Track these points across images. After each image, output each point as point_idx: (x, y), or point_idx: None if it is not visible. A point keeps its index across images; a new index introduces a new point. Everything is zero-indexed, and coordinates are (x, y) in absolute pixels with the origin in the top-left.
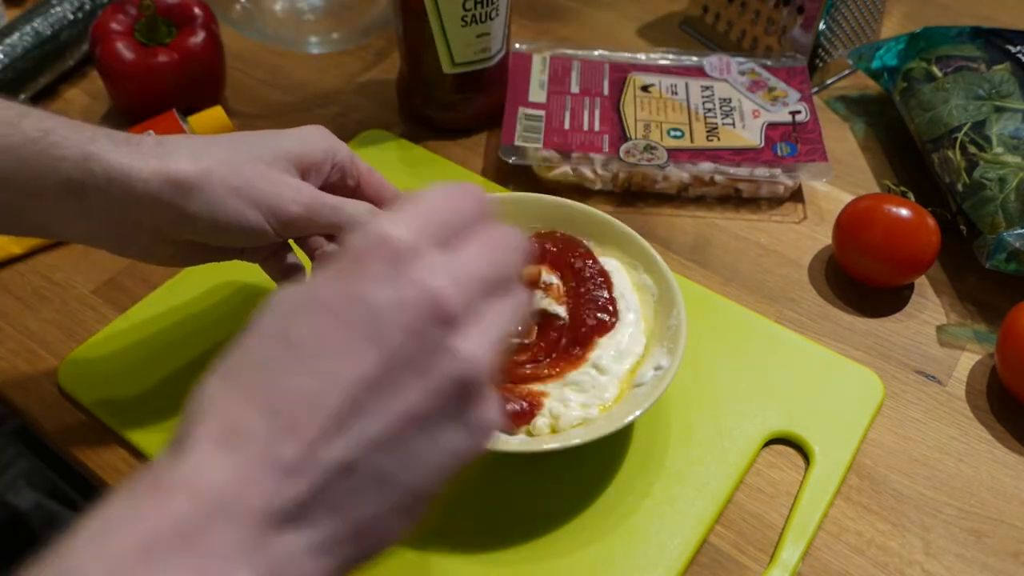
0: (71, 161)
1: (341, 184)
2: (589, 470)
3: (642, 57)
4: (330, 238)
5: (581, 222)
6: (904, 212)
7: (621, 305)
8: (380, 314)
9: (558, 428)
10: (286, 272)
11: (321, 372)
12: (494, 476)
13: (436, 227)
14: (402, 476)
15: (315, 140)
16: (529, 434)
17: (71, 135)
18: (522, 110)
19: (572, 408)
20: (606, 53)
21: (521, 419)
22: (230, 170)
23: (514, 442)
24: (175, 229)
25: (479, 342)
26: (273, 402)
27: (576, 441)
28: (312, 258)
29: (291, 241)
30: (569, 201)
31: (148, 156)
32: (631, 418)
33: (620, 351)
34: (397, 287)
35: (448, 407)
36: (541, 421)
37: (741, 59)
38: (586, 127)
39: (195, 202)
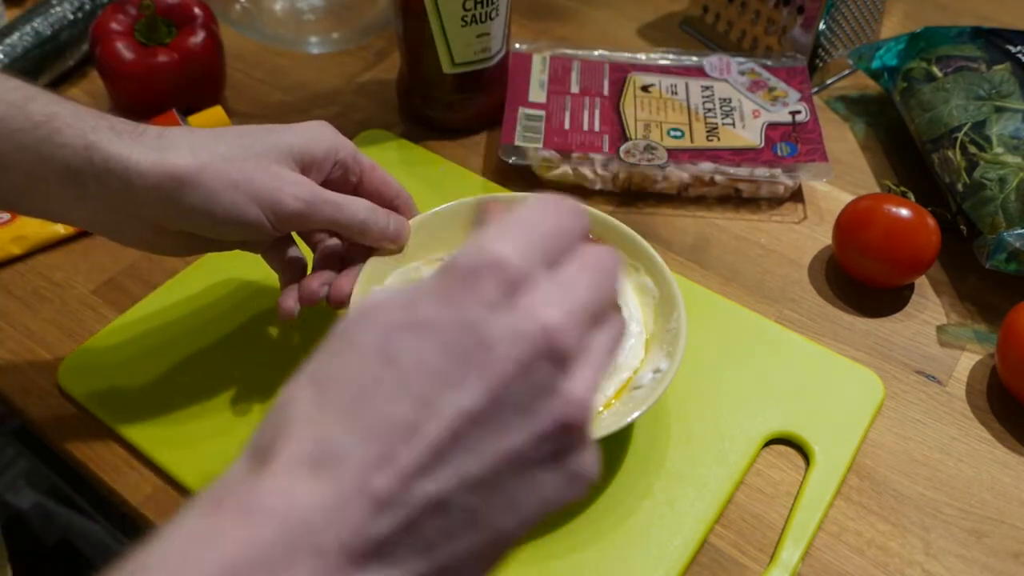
0: (71, 149)
1: (343, 180)
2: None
3: (642, 57)
4: (332, 233)
5: None
6: (904, 212)
7: (624, 314)
8: (492, 345)
9: None
10: (287, 265)
11: (424, 399)
12: None
13: (543, 248)
14: (493, 519)
15: (318, 136)
16: None
17: (75, 123)
18: (522, 110)
19: None
20: (606, 53)
21: None
22: (229, 165)
23: None
24: (173, 222)
25: (586, 384)
26: (370, 426)
27: None
28: (314, 251)
29: (294, 233)
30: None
31: (148, 149)
32: (627, 421)
33: (616, 365)
34: (512, 319)
35: (549, 452)
36: None
37: (741, 59)
38: (586, 127)
39: (192, 197)
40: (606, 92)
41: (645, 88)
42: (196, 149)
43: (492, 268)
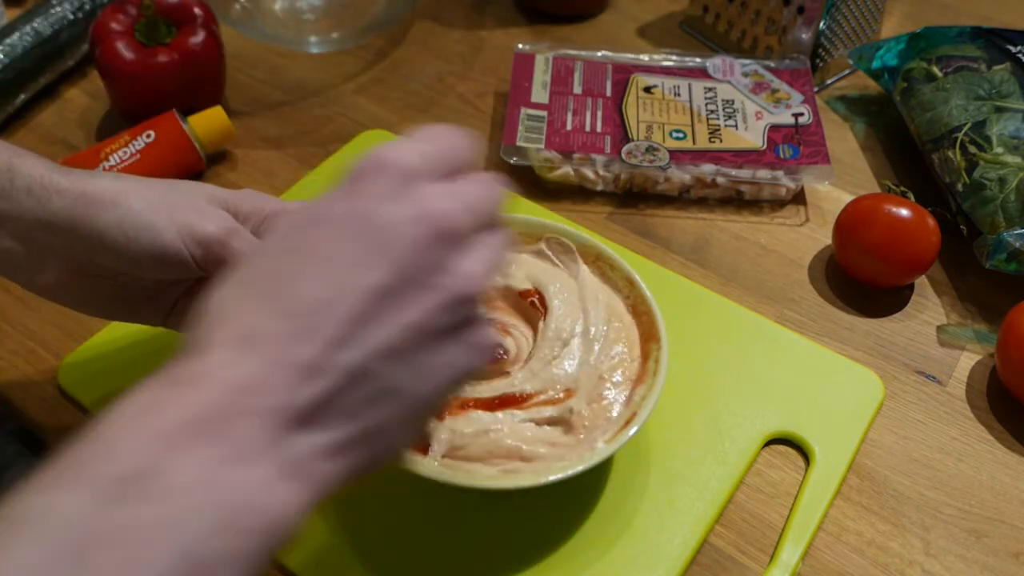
0: None
1: None
2: (589, 471)
3: (645, 58)
4: None
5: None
6: (904, 212)
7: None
8: (390, 228)
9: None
10: None
11: (335, 280)
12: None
13: (434, 158)
14: (409, 385)
15: (246, 193)
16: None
17: (0, 151)
18: (524, 110)
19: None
20: (609, 54)
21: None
22: (151, 191)
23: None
24: (87, 251)
25: (477, 264)
26: (289, 306)
27: (558, 477)
28: None
29: None
30: (569, 229)
31: (72, 175)
32: (591, 463)
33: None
34: (406, 204)
35: (449, 323)
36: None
37: (744, 61)
38: (588, 128)
39: (108, 215)
40: (608, 93)
41: (648, 89)
42: (120, 178)
43: (385, 166)
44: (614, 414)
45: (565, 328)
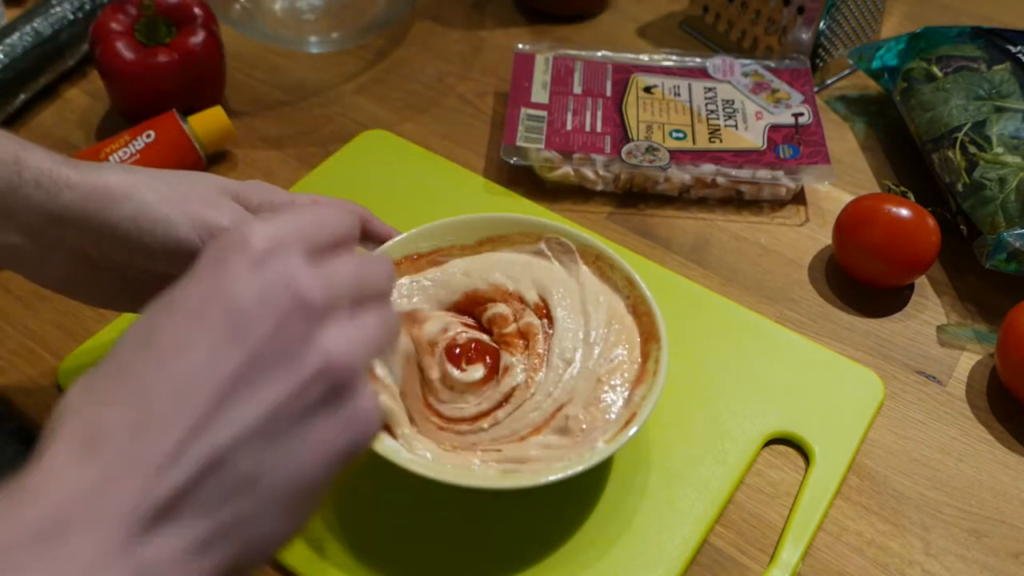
0: (1, 164)
1: None
2: (588, 471)
3: (645, 58)
4: None
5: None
6: (904, 212)
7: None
8: (241, 308)
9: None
10: None
11: (183, 370)
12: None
13: (302, 236)
14: (274, 472)
15: (254, 185)
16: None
17: (5, 142)
18: (524, 110)
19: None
20: (609, 54)
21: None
22: (164, 183)
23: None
24: (99, 244)
25: (345, 338)
26: (134, 401)
27: (558, 476)
28: None
29: None
30: (569, 229)
31: (81, 168)
32: (580, 469)
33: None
34: (262, 279)
35: (317, 401)
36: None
37: (744, 61)
38: (588, 128)
39: (121, 209)
40: (608, 93)
41: (648, 89)
42: (131, 171)
43: (246, 243)
44: (612, 415)
45: (568, 347)
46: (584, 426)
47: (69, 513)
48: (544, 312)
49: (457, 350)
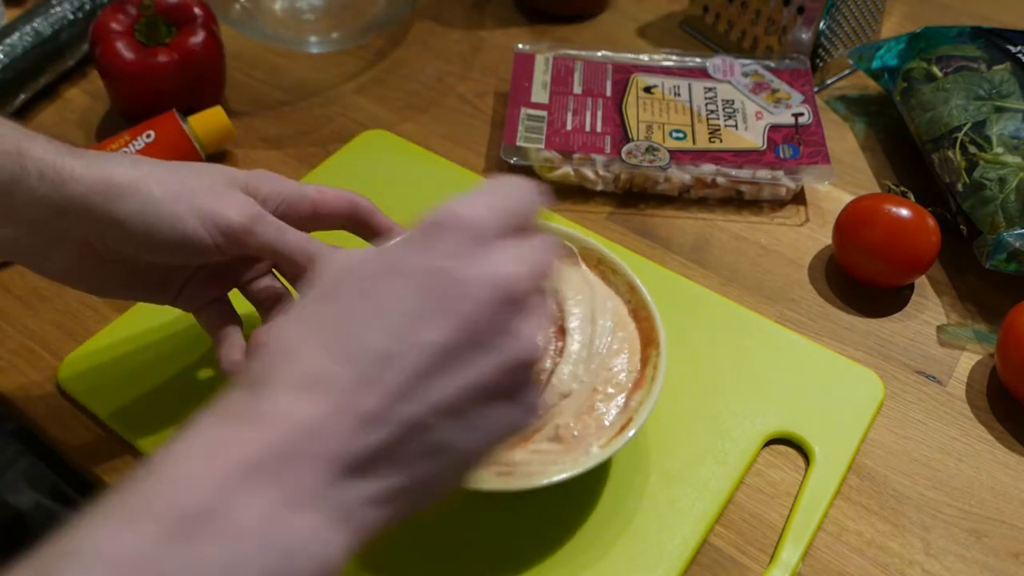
0: (3, 155)
1: (291, 219)
2: (588, 471)
3: (645, 58)
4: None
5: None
6: (904, 212)
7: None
8: (461, 288)
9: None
10: (222, 324)
11: (403, 333)
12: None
13: (506, 215)
14: (461, 442)
15: (262, 175)
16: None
17: (9, 132)
18: (524, 110)
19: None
20: (609, 54)
21: None
22: (171, 176)
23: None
24: (104, 238)
25: (536, 329)
26: (355, 354)
27: (558, 478)
28: (253, 301)
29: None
30: (571, 231)
31: (86, 159)
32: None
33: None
34: (478, 266)
35: (506, 385)
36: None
37: (744, 61)
38: (588, 128)
39: (128, 203)
40: (608, 93)
41: (648, 89)
42: (138, 164)
43: (458, 223)
44: (607, 422)
45: (566, 372)
46: (575, 433)
47: (293, 446)
48: (558, 325)
49: None
